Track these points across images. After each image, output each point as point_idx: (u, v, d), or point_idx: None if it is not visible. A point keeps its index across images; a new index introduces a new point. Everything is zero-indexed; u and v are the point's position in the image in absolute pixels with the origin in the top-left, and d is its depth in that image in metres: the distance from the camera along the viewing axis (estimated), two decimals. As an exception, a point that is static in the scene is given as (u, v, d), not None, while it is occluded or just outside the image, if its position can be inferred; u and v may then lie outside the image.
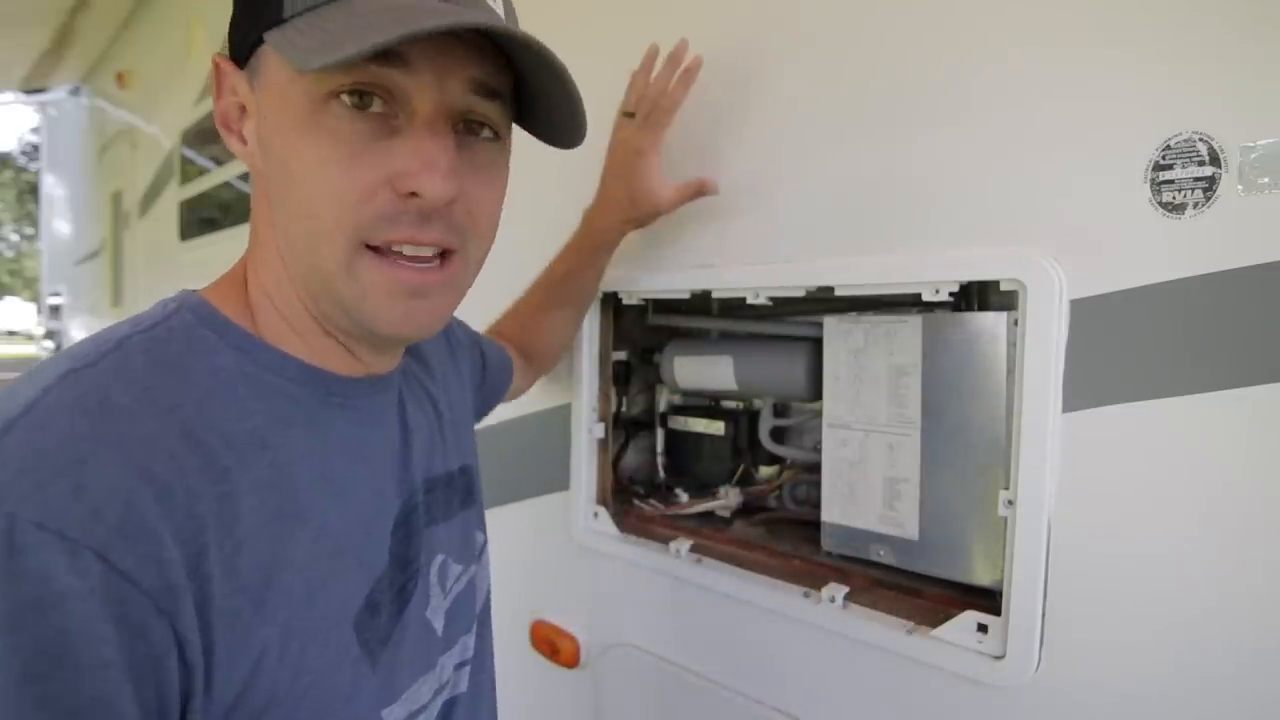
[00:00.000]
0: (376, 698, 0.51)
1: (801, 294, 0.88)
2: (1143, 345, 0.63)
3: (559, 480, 1.15)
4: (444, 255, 0.49)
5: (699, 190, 0.92)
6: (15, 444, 0.37)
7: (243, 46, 0.48)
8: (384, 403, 0.58)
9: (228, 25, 0.49)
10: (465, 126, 0.48)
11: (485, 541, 0.73)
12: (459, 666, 0.64)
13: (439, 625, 0.60)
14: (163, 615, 0.38)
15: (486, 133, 0.50)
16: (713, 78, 0.97)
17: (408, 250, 0.47)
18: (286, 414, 0.48)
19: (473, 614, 0.67)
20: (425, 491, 0.62)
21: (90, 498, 0.36)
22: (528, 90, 0.50)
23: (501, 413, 1.24)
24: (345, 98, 0.44)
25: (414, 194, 0.45)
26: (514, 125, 0.54)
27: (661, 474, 1.18)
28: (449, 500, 0.67)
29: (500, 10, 0.48)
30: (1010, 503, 0.70)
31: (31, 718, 0.34)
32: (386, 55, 0.42)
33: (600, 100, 0.55)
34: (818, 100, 0.86)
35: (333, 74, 0.43)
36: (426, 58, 0.44)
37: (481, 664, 0.69)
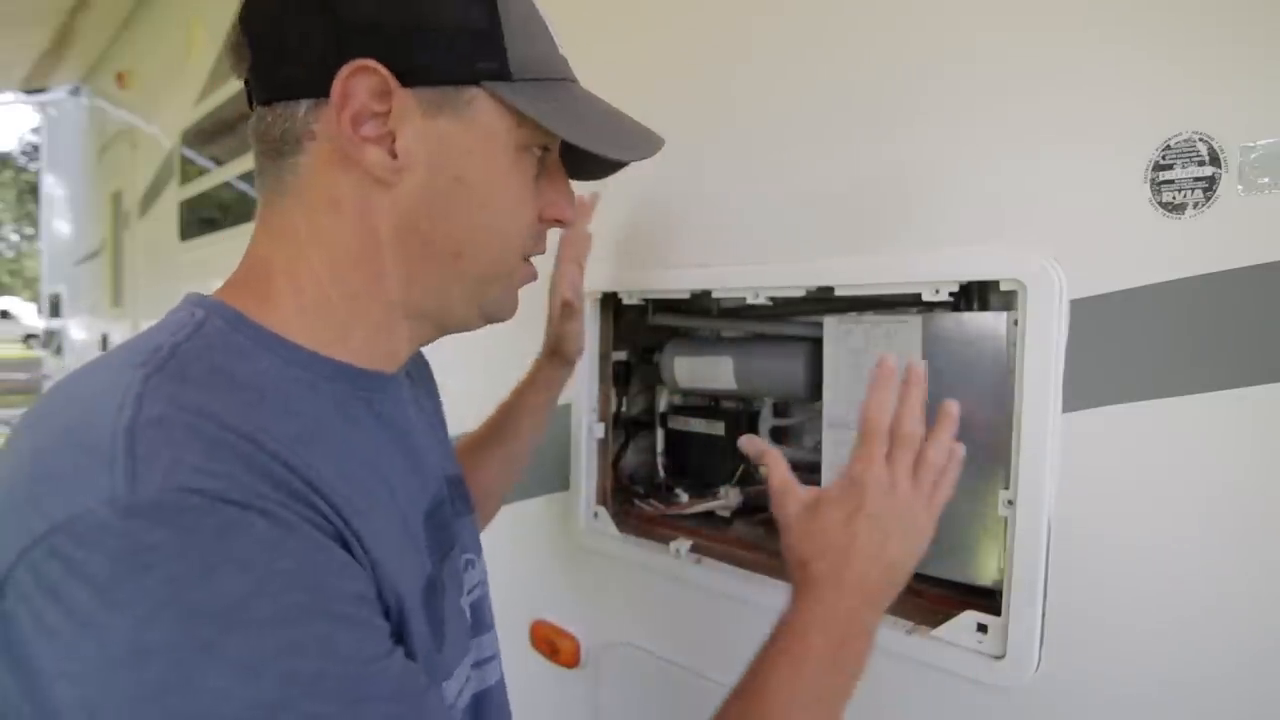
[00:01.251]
0: (441, 671, 0.54)
1: (801, 294, 0.88)
2: (1143, 345, 0.63)
3: (559, 480, 1.15)
4: None
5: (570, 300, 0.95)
6: (158, 438, 0.39)
7: (427, 73, 0.49)
8: (399, 398, 0.61)
9: (400, 36, 0.49)
10: None
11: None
12: (485, 661, 0.66)
13: (467, 614, 0.63)
14: (358, 562, 0.44)
15: None
16: (712, 77, 0.97)
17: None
18: (328, 409, 0.51)
19: (489, 609, 0.70)
20: (450, 488, 0.65)
21: (253, 467, 0.40)
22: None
23: (501, 413, 1.24)
24: (536, 150, 0.55)
25: (557, 220, 0.58)
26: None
27: (661, 474, 1.18)
28: (464, 499, 0.70)
29: None
30: (1010, 503, 0.70)
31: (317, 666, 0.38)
32: None
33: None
34: (818, 100, 0.86)
35: (534, 132, 0.53)
36: None
37: (499, 663, 0.70)
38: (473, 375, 1.03)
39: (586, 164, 0.59)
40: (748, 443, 0.69)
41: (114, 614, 0.35)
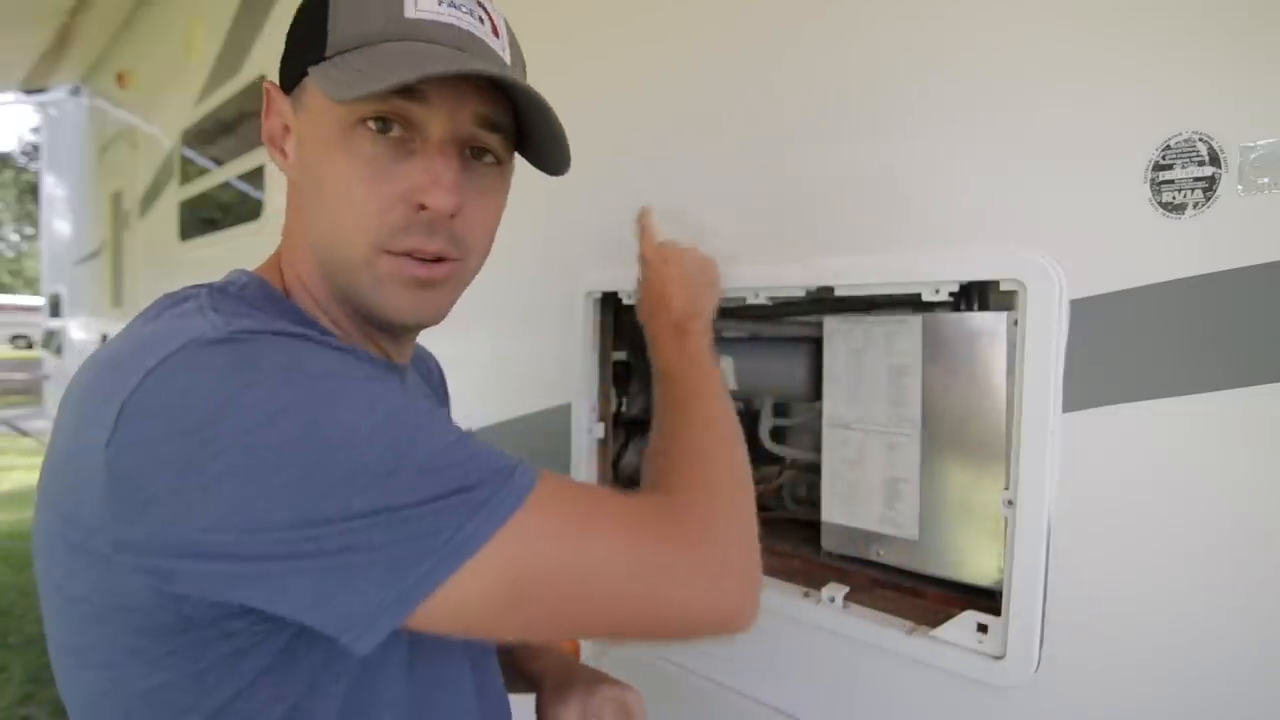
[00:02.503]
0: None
1: (801, 294, 0.88)
2: (1143, 345, 0.63)
3: (559, 480, 1.15)
4: (444, 259, 0.56)
5: None
6: (234, 310, 0.49)
7: (289, 77, 0.56)
8: (401, 386, 0.63)
9: (280, 57, 0.58)
10: (471, 153, 0.56)
11: None
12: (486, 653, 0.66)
13: None
14: None
15: (489, 158, 0.57)
16: (711, 77, 0.97)
17: (415, 255, 0.55)
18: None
19: None
20: None
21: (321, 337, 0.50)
22: (524, 125, 0.58)
23: (501, 413, 1.24)
24: (370, 124, 0.52)
25: (423, 206, 0.53)
26: (516, 154, 0.62)
27: (661, 474, 1.18)
28: None
29: (506, 57, 0.57)
30: (1010, 503, 0.70)
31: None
32: (408, 91, 0.51)
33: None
34: (819, 99, 0.86)
35: (363, 104, 0.51)
36: (441, 94, 0.52)
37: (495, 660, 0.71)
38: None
39: (551, 153, 0.59)
40: (642, 213, 0.86)
41: (243, 394, 0.42)
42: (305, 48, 0.54)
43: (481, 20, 0.55)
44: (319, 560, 0.42)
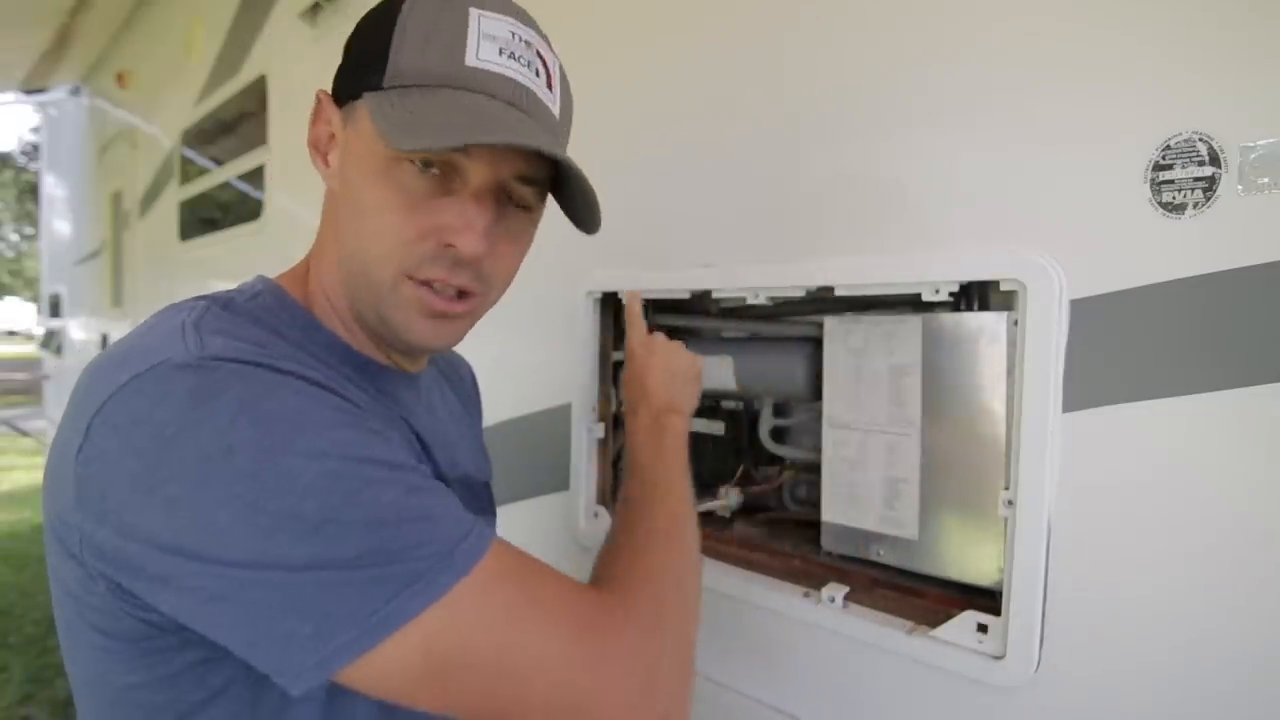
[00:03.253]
0: None
1: (801, 294, 0.88)
2: (1143, 345, 0.63)
3: (559, 480, 1.15)
4: (467, 294, 0.59)
5: None
6: (218, 331, 0.49)
7: (344, 92, 0.58)
8: (411, 397, 0.65)
9: (338, 69, 0.59)
10: (505, 197, 0.58)
11: None
12: None
13: None
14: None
15: (522, 204, 0.59)
16: (710, 76, 0.97)
17: (437, 286, 0.57)
18: (348, 388, 0.56)
19: None
20: (457, 485, 0.67)
21: (296, 356, 0.51)
22: (559, 179, 0.60)
23: (501, 413, 1.24)
24: (415, 163, 0.54)
25: (448, 245, 0.55)
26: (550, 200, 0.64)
27: (661, 474, 1.18)
28: (477, 502, 0.72)
29: (556, 109, 0.59)
30: (1010, 503, 0.70)
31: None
32: None
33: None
34: (819, 99, 0.86)
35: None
36: (485, 150, 0.54)
37: None
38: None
39: (583, 214, 0.61)
40: (629, 295, 0.89)
41: (199, 426, 0.43)
42: (365, 69, 0.55)
43: (538, 74, 0.57)
44: (251, 606, 0.43)
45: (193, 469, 0.42)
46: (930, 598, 0.82)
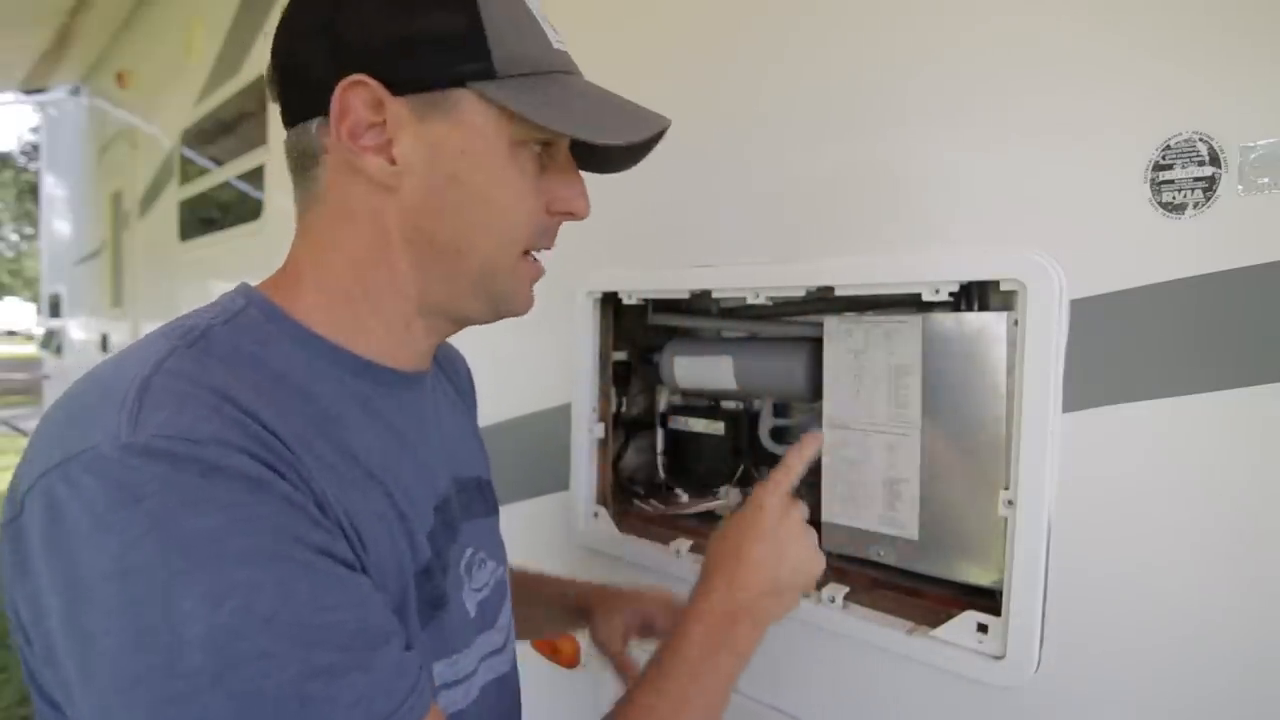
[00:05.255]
0: (430, 650, 0.57)
1: (801, 294, 0.88)
2: (1143, 345, 0.63)
3: (559, 480, 1.15)
4: None
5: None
6: (165, 394, 0.45)
7: (415, 82, 0.53)
8: (418, 398, 0.64)
9: (388, 50, 0.53)
10: None
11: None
12: (493, 654, 0.66)
13: (471, 610, 0.64)
14: (339, 527, 0.48)
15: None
16: (712, 76, 0.97)
17: (535, 254, 0.61)
18: (342, 399, 0.55)
19: (501, 608, 0.70)
20: (458, 489, 0.66)
21: (246, 432, 0.45)
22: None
23: (501, 413, 1.24)
24: (535, 145, 0.56)
25: (569, 213, 0.59)
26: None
27: (661, 474, 1.18)
28: (482, 501, 0.71)
29: None
30: (1010, 503, 0.70)
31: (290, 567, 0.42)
32: None
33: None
34: (818, 99, 0.86)
35: (527, 127, 0.54)
36: None
37: (513, 659, 0.71)
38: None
39: (605, 157, 0.62)
40: (810, 438, 0.71)
41: (105, 536, 0.40)
42: (454, 56, 0.52)
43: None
44: None
45: (91, 585, 0.40)
46: (930, 598, 0.82)
